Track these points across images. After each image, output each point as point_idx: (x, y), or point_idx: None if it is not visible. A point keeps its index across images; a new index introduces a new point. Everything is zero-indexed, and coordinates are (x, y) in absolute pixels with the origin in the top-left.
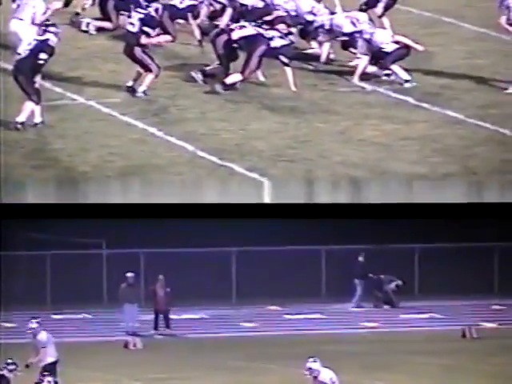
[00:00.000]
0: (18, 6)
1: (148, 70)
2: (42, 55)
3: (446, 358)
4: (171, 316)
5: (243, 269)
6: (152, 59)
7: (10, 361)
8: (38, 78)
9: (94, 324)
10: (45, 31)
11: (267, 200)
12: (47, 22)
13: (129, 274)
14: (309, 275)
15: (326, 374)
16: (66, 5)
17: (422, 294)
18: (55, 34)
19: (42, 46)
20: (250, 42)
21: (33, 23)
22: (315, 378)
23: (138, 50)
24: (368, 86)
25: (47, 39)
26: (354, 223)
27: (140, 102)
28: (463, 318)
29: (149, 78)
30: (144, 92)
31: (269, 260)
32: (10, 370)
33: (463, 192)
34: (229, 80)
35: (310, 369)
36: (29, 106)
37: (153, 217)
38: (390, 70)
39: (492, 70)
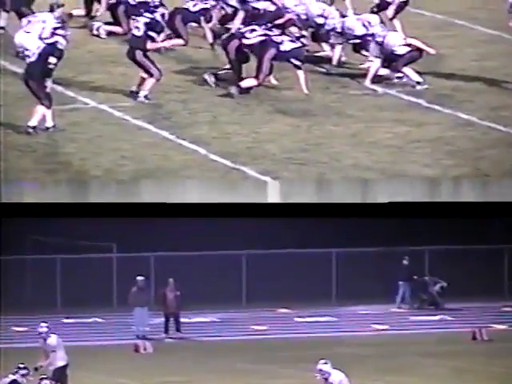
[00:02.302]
0: (29, 21)
1: (149, 74)
2: (52, 59)
3: (456, 360)
4: (181, 319)
5: (253, 272)
6: (153, 63)
7: (22, 365)
8: (49, 83)
9: (104, 328)
10: (53, 34)
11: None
12: (55, 25)
13: (139, 278)
14: (319, 278)
15: (336, 376)
16: (88, 13)
17: None
18: (63, 36)
19: (51, 49)
20: (259, 46)
21: (40, 38)
22: (326, 379)
23: (139, 54)
24: (380, 89)
25: (56, 42)
26: (364, 225)
27: (152, 106)
28: (473, 320)
29: (150, 82)
30: (145, 96)
31: (279, 263)
32: (22, 375)
33: (474, 193)
34: (244, 84)
35: (321, 370)
36: (40, 110)
37: (164, 216)
38: (401, 72)
39: (503, 72)
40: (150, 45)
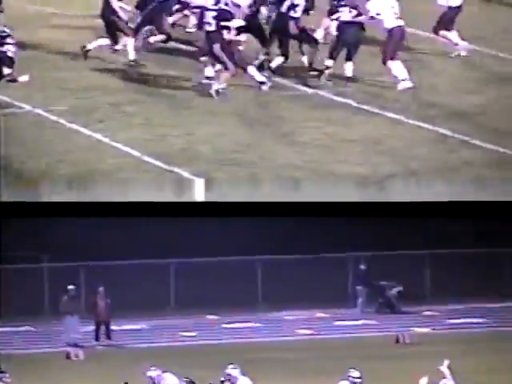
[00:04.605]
0: None
1: (225, 68)
2: (6, 70)
3: (378, 363)
4: (112, 327)
5: (182, 279)
6: (229, 58)
7: None
8: None
9: (37, 336)
10: (2, 44)
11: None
12: (3, 34)
13: (70, 287)
14: (245, 284)
15: (242, 383)
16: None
17: None
18: (13, 44)
19: (2, 57)
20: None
21: None
22: None
23: (216, 48)
24: (309, 90)
25: (7, 51)
26: (292, 232)
27: (86, 109)
28: (397, 323)
29: (224, 75)
30: (218, 91)
31: (205, 270)
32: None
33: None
34: (349, 73)
35: (229, 375)
36: None
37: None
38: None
39: None
40: (226, 35)
